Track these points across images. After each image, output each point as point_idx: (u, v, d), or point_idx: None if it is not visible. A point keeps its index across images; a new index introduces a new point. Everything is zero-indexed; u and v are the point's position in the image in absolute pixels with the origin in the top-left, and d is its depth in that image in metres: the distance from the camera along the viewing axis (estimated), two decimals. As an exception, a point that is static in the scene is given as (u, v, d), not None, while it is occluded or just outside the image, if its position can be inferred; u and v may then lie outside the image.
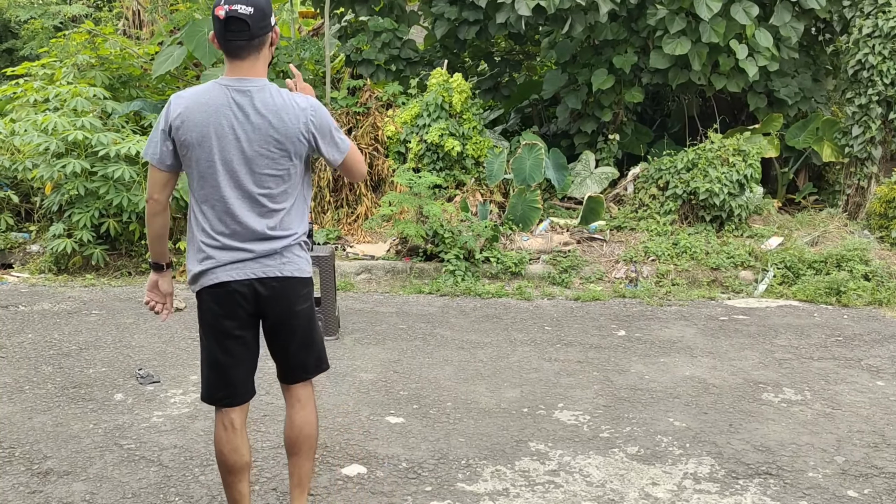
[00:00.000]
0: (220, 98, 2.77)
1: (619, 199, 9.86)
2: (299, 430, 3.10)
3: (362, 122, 10.25)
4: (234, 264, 2.85)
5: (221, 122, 2.76)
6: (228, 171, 2.80)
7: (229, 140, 2.77)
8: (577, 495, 3.70)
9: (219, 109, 2.76)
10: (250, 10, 2.70)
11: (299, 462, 3.13)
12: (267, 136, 2.79)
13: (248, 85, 2.79)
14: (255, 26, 2.74)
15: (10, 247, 8.80)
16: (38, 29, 15.27)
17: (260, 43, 2.80)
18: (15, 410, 4.65)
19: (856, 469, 3.99)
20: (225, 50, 2.78)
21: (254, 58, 2.81)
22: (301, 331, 3.04)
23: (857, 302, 7.38)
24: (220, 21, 2.71)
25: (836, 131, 9.84)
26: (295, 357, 3.08)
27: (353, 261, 8.46)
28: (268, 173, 2.83)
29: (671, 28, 9.16)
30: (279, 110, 2.80)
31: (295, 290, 2.97)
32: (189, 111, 2.77)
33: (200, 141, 2.77)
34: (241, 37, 2.74)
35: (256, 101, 2.78)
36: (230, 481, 3.04)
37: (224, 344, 2.95)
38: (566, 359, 5.75)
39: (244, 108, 2.77)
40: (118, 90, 10.27)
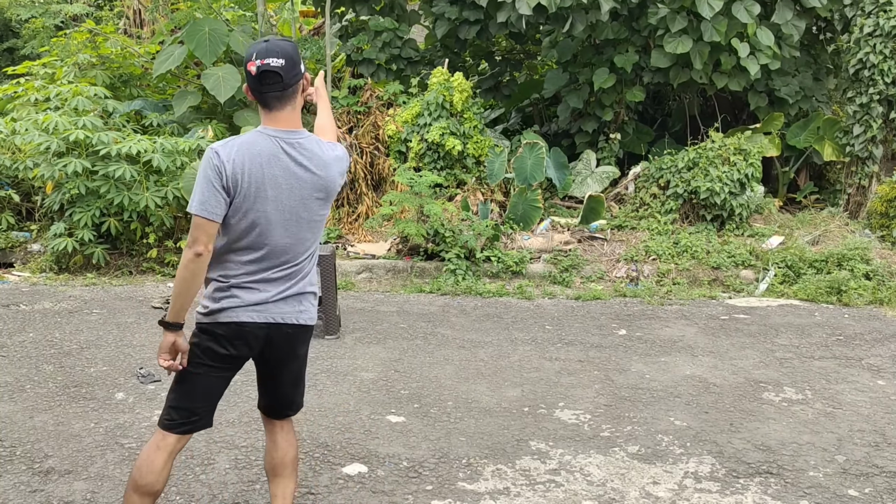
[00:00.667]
0: (270, 149, 2.82)
1: (620, 199, 9.86)
2: (284, 453, 3.12)
3: (363, 121, 10.25)
4: (256, 306, 2.88)
5: (276, 174, 2.81)
6: (281, 220, 2.84)
7: (283, 190, 2.82)
8: (577, 494, 3.70)
9: (271, 160, 2.81)
10: (282, 63, 2.76)
11: (284, 483, 3.13)
12: (316, 186, 2.87)
13: (294, 137, 2.85)
14: (287, 76, 2.78)
15: (11, 246, 8.80)
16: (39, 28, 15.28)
17: (293, 92, 2.85)
18: (16, 409, 4.66)
19: (856, 468, 3.99)
20: (261, 102, 2.83)
21: (291, 107, 2.85)
22: (296, 372, 3.11)
23: (857, 301, 7.38)
24: (253, 76, 2.78)
25: (837, 130, 9.84)
26: (285, 396, 3.13)
27: (353, 260, 8.46)
28: (312, 224, 2.91)
29: (672, 27, 9.15)
30: (326, 163, 2.89)
31: (303, 337, 3.03)
32: (242, 162, 2.78)
33: (257, 192, 2.79)
34: (276, 88, 2.78)
35: (305, 153, 2.85)
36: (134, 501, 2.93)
37: (212, 379, 2.95)
38: (567, 358, 5.75)
39: (296, 160, 2.84)
40: (119, 89, 10.28)
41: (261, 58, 2.75)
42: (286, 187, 2.82)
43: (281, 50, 2.77)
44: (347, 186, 9.81)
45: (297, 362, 3.08)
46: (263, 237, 2.83)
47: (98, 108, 9.02)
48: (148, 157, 8.11)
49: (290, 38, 2.92)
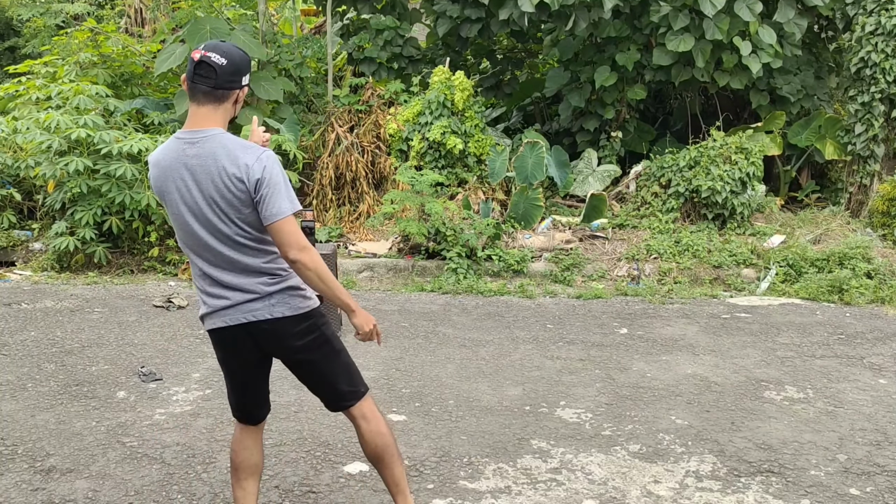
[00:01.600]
0: (174, 152, 2.80)
1: (622, 197, 9.85)
2: (374, 445, 3.09)
3: (364, 120, 10.25)
4: (224, 310, 2.87)
5: (176, 177, 2.78)
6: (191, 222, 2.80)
7: (184, 193, 2.78)
8: (578, 493, 3.70)
9: (172, 165, 2.79)
10: (223, 62, 2.72)
11: (386, 471, 3.12)
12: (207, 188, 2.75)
13: (198, 136, 2.77)
14: (223, 78, 2.73)
15: (12, 245, 8.81)
16: (41, 27, 15.29)
17: (223, 95, 2.77)
18: (18, 408, 4.66)
19: (858, 467, 3.98)
20: (189, 91, 2.80)
21: (213, 107, 2.77)
22: (311, 366, 3.02)
23: (859, 300, 7.37)
24: (192, 62, 2.76)
25: (839, 129, 9.83)
26: (321, 390, 3.08)
27: (355, 259, 8.46)
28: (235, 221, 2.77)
29: (674, 25, 9.15)
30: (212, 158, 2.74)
31: (292, 330, 2.91)
32: (152, 171, 2.85)
33: (163, 197, 2.83)
34: (207, 83, 2.73)
35: (202, 150, 2.75)
36: (237, 478, 3.09)
37: (232, 378, 3.06)
38: (568, 357, 5.75)
39: (193, 158, 2.76)
40: (120, 88, 10.28)
41: (206, 50, 2.74)
42: (185, 189, 2.77)
43: (228, 52, 2.75)
44: (349, 185, 9.81)
45: (304, 356, 2.96)
46: (190, 239, 2.84)
47: (99, 107, 9.02)
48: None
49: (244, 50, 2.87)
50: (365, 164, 9.89)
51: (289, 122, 9.68)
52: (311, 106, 10.68)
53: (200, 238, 2.80)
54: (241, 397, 3.07)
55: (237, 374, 3.02)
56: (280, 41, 10.73)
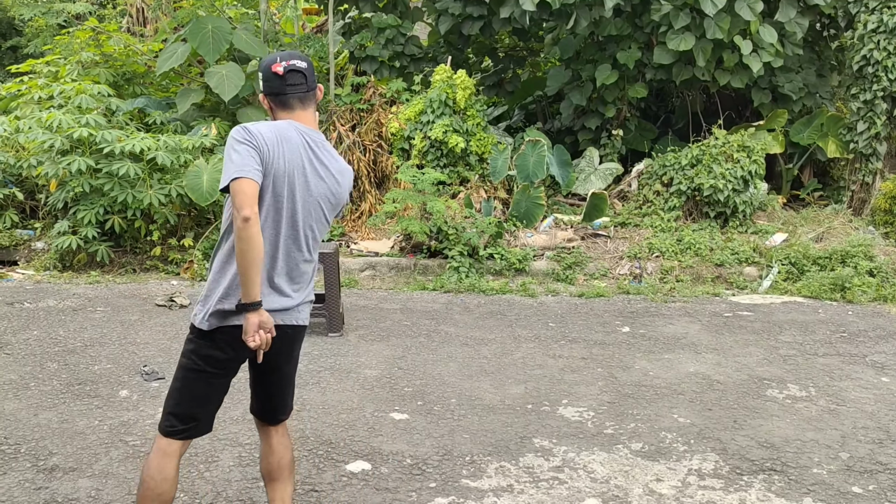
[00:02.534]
0: (298, 138, 2.83)
1: (623, 196, 9.85)
2: (280, 457, 3.08)
3: (366, 118, 10.25)
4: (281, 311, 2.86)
5: (302, 163, 2.82)
6: (293, 211, 2.82)
7: (301, 183, 2.82)
8: (581, 491, 3.70)
9: (299, 149, 2.82)
10: (305, 65, 2.86)
11: (281, 487, 3.09)
12: (330, 190, 2.90)
13: (318, 137, 2.89)
14: (311, 78, 2.88)
15: (15, 244, 8.82)
16: (42, 26, 15.30)
17: (314, 96, 2.92)
18: (20, 407, 4.67)
19: (860, 465, 3.98)
20: (283, 103, 2.86)
21: (312, 109, 2.92)
22: (290, 374, 3.09)
23: (861, 298, 7.37)
24: (278, 77, 2.82)
25: (841, 127, 9.82)
26: (278, 399, 3.09)
27: (357, 257, 8.46)
28: (318, 225, 2.93)
29: (675, 24, 9.14)
30: (342, 171, 2.94)
31: (300, 337, 3.04)
32: (275, 141, 2.76)
33: (284, 172, 2.77)
34: (301, 89, 2.86)
35: (326, 155, 2.90)
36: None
37: (213, 383, 2.92)
38: (570, 355, 5.75)
39: (319, 157, 2.87)
40: (122, 87, 10.29)
41: (286, 59, 2.84)
42: (303, 181, 2.82)
43: (302, 55, 2.89)
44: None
45: (292, 364, 3.07)
46: (277, 227, 2.81)
47: (101, 106, 9.03)
48: (151, 154, 8.12)
49: None
50: (367, 163, 9.89)
51: (290, 121, 9.65)
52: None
53: (289, 232, 2.83)
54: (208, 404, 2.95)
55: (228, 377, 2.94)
56: (282, 40, 10.74)
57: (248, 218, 2.60)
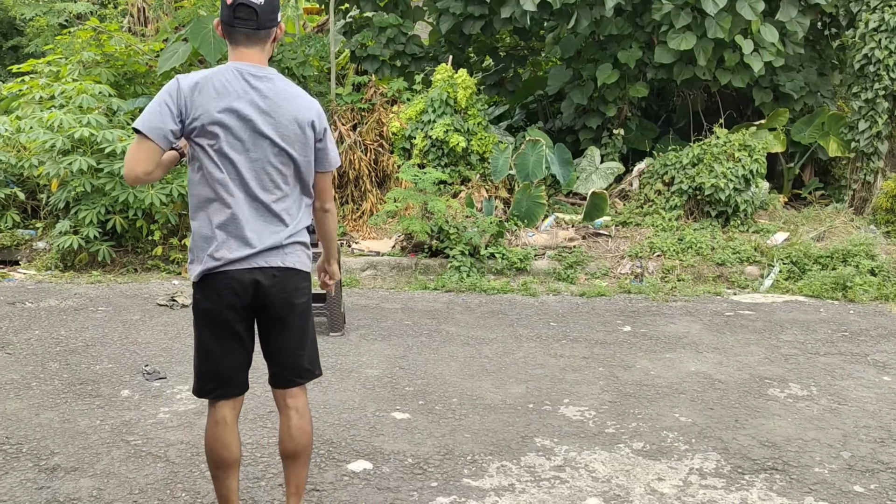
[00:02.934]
0: (235, 81, 2.76)
1: (625, 195, 9.85)
2: (297, 442, 3.05)
3: (367, 118, 10.25)
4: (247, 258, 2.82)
5: (239, 106, 2.74)
6: (243, 154, 2.76)
7: (244, 125, 2.74)
8: (582, 491, 3.70)
9: (237, 91, 2.75)
10: (261, 1, 2.74)
11: (296, 469, 3.09)
12: (280, 122, 2.79)
13: (262, 71, 2.80)
14: (264, 17, 2.75)
15: (16, 244, 8.83)
16: (44, 26, 15.31)
17: (266, 35, 2.81)
18: (22, 407, 4.67)
19: (862, 464, 3.98)
20: (230, 36, 2.79)
21: (258, 48, 2.81)
22: (296, 329, 2.99)
23: (863, 297, 7.36)
24: (228, 7, 2.73)
25: (842, 126, 9.81)
26: (288, 357, 3.01)
27: (358, 257, 8.46)
28: (281, 160, 2.82)
29: (676, 23, 9.14)
30: (291, 97, 2.82)
31: (296, 284, 2.94)
32: (200, 91, 2.73)
33: (220, 120, 2.72)
34: (249, 25, 2.75)
35: (272, 88, 2.79)
36: (219, 476, 3.02)
37: (218, 334, 2.92)
38: (571, 354, 5.75)
39: (263, 93, 2.77)
40: (123, 87, 10.28)
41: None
42: (254, 118, 2.75)
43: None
44: (352, 183, 9.82)
45: (295, 315, 2.96)
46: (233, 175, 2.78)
47: (102, 106, 9.03)
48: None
49: None
50: (368, 163, 9.89)
51: (292, 120, 9.66)
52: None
53: (245, 173, 2.77)
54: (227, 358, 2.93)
55: (231, 328, 2.90)
56: (283, 39, 10.74)
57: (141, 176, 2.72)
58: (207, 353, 2.95)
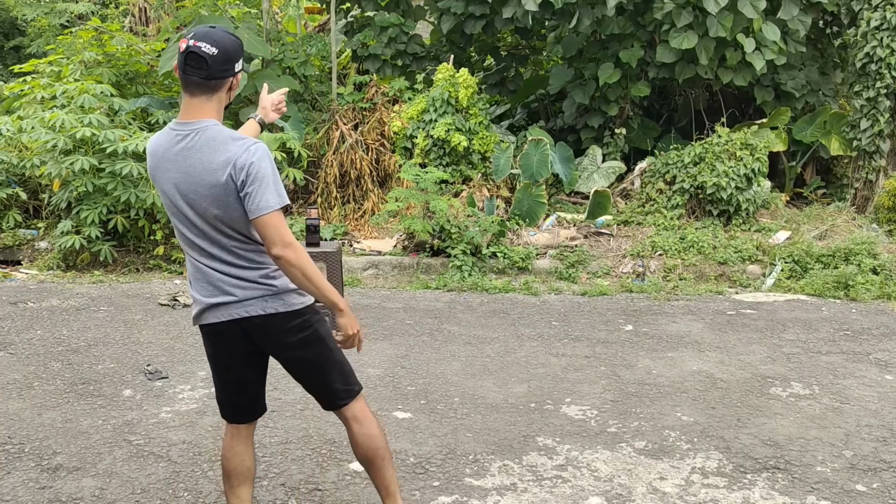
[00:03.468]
0: (167, 143, 2.75)
1: (626, 194, 9.84)
2: (365, 448, 3.04)
3: (369, 117, 10.25)
4: (218, 307, 2.83)
5: (168, 168, 2.73)
6: (186, 214, 2.76)
7: (178, 184, 2.73)
8: (584, 490, 3.70)
9: (165, 155, 2.74)
10: (214, 52, 2.64)
11: (378, 474, 3.08)
12: (199, 182, 2.69)
13: (189, 128, 2.71)
14: (215, 68, 2.66)
15: (18, 244, 8.83)
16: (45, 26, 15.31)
17: (217, 85, 2.71)
18: (24, 407, 4.68)
19: (864, 463, 3.98)
20: (181, 83, 2.73)
21: (206, 97, 2.71)
22: (300, 362, 2.97)
23: (865, 296, 7.36)
24: (181, 54, 2.67)
25: (844, 125, 9.80)
26: (315, 388, 3.03)
27: (359, 256, 8.46)
28: (215, 214, 2.72)
29: (678, 22, 9.13)
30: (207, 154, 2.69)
31: (281, 325, 2.87)
32: (149, 159, 2.81)
33: (158, 186, 2.80)
34: (199, 74, 2.66)
35: (193, 142, 2.70)
36: (230, 485, 3.05)
37: (223, 376, 3.01)
38: (573, 354, 5.75)
39: (188, 148, 2.71)
40: (125, 87, 10.29)
41: (195, 39, 2.64)
42: (174, 182, 2.73)
43: (219, 41, 2.66)
44: (353, 183, 9.82)
45: (297, 353, 2.94)
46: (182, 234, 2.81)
47: (104, 106, 9.04)
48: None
49: (235, 35, 2.80)
50: (369, 162, 9.89)
51: (293, 120, 9.68)
52: (315, 104, 10.68)
53: (193, 230, 2.77)
54: (233, 396, 3.02)
55: (232, 371, 2.97)
56: (284, 39, 10.74)
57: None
58: (217, 385, 3.07)
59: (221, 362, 2.98)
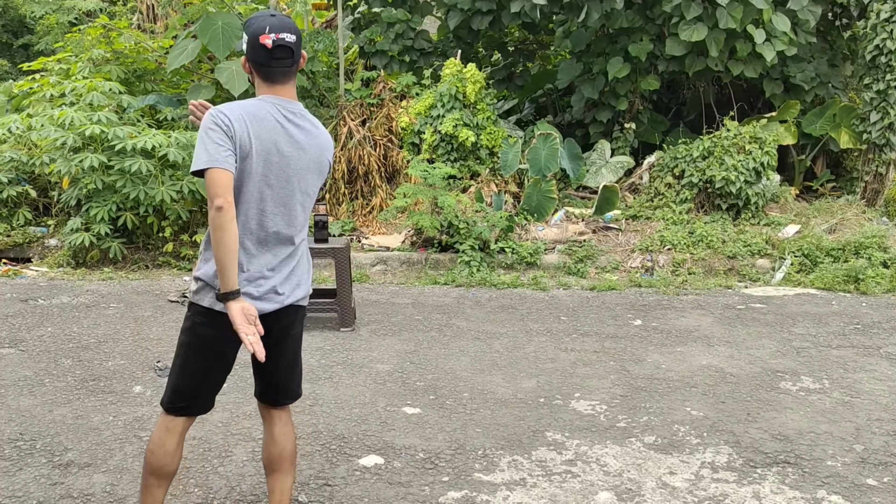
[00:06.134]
0: (273, 115, 2.79)
1: (635, 189, 9.82)
2: (282, 447, 3.04)
3: (376, 113, 10.25)
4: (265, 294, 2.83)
5: (278, 139, 2.77)
6: (280, 189, 2.80)
7: (281, 161, 2.78)
8: (594, 485, 3.70)
9: (275, 126, 2.78)
10: (294, 38, 2.77)
11: (281, 478, 3.05)
12: (313, 160, 2.86)
13: (296, 107, 2.85)
14: (297, 52, 2.80)
15: (28, 241, 8.87)
16: (54, 24, 15.37)
17: (297, 68, 2.86)
18: (35, 403, 4.70)
19: (875, 457, 3.96)
20: (267, 76, 2.80)
21: (292, 82, 2.86)
22: (291, 355, 3.03)
23: (875, 289, 7.32)
24: (266, 49, 2.74)
25: (854, 117, 9.75)
26: (280, 380, 3.04)
27: (368, 252, 8.47)
28: (306, 198, 2.89)
29: (687, 14, 9.09)
30: (320, 137, 2.89)
31: (295, 317, 2.97)
32: (246, 122, 2.73)
33: (259, 153, 2.74)
34: (286, 63, 2.78)
35: (307, 124, 2.85)
36: (151, 483, 2.94)
37: (211, 364, 2.92)
38: (582, 349, 5.74)
39: (300, 126, 2.83)
40: (133, 84, 10.32)
41: (275, 31, 2.72)
42: (291, 154, 2.79)
43: (293, 26, 2.79)
44: (361, 179, 9.83)
45: (290, 343, 3.00)
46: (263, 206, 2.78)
47: (113, 104, 9.06)
48: (163, 151, 8.15)
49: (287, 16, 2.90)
50: (377, 158, 9.89)
51: (301, 116, 9.67)
52: (323, 100, 10.69)
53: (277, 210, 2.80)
54: (217, 386, 2.97)
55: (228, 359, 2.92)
56: (302, 62, 10.73)
57: (220, 207, 2.59)
58: (191, 375, 2.91)
59: (223, 351, 2.89)
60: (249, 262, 2.80)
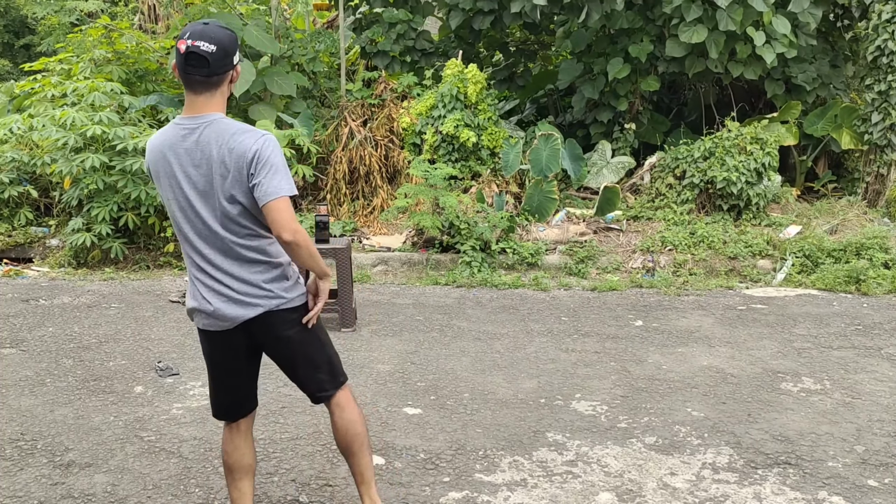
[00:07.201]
0: (172, 138, 2.78)
1: (636, 189, 9.81)
2: (345, 433, 3.10)
3: (377, 113, 10.26)
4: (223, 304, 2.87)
5: (178, 163, 2.76)
6: (187, 209, 2.79)
7: (183, 178, 2.76)
8: (594, 485, 3.70)
9: (173, 150, 2.76)
10: (212, 49, 2.67)
11: (355, 460, 3.14)
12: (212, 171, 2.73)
13: (197, 122, 2.75)
14: (216, 65, 2.69)
15: (29, 241, 8.88)
16: (55, 25, 15.39)
17: (219, 81, 2.75)
18: (36, 403, 4.70)
19: (876, 458, 3.96)
20: (183, 82, 2.76)
21: (210, 94, 2.75)
22: (292, 356, 3.02)
23: (876, 290, 7.32)
24: (180, 54, 2.69)
25: (855, 118, 9.74)
26: (304, 380, 3.08)
27: (369, 252, 8.47)
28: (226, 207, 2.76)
29: (688, 16, 9.08)
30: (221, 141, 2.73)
31: (274, 320, 2.91)
32: (149, 155, 2.84)
33: (159, 182, 2.83)
34: (200, 73, 2.69)
35: (203, 136, 2.73)
36: (231, 479, 3.12)
37: (216, 373, 3.06)
38: (583, 349, 5.74)
39: (194, 144, 2.74)
40: (135, 84, 10.33)
41: (192, 39, 2.66)
42: (182, 176, 2.76)
43: (215, 36, 2.69)
44: (362, 179, 9.83)
45: (286, 345, 2.97)
46: (182, 229, 2.83)
47: (114, 104, 9.07)
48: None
49: (229, 28, 2.82)
50: (378, 158, 9.89)
51: (302, 116, 9.69)
52: (324, 100, 10.70)
53: (197, 224, 2.79)
54: (226, 395, 3.07)
55: (229, 369, 3.02)
56: (293, 36, 10.75)
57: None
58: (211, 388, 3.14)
59: (217, 360, 3.02)
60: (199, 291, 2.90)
